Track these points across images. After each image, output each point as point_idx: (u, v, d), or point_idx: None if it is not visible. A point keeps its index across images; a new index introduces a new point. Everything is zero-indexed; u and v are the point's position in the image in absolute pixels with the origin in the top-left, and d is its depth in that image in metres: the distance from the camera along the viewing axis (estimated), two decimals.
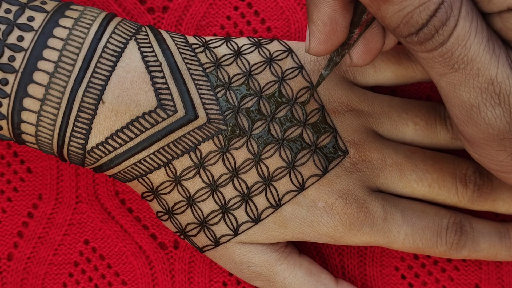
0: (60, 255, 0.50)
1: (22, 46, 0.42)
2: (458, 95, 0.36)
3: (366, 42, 0.40)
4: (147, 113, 0.43)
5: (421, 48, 0.35)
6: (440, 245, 0.46)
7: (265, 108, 0.45)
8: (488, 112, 0.36)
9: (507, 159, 0.39)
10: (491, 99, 0.36)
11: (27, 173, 0.51)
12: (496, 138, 0.37)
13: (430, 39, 0.35)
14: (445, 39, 0.34)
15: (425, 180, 0.46)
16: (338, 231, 0.45)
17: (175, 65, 0.44)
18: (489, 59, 0.35)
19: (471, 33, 0.34)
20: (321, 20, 0.38)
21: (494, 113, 0.36)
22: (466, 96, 0.36)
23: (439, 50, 0.35)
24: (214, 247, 0.46)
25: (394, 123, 0.47)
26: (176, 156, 0.44)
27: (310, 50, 0.40)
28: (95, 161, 0.44)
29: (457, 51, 0.35)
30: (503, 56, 0.35)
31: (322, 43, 0.39)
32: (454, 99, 0.37)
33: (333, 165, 0.45)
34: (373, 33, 0.40)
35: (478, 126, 0.37)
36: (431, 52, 0.35)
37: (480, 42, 0.35)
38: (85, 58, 0.43)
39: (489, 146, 0.38)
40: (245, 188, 0.44)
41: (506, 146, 0.38)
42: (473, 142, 0.39)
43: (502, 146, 0.38)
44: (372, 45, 0.40)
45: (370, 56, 0.41)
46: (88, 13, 0.44)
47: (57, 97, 0.42)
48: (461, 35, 0.34)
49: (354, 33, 0.39)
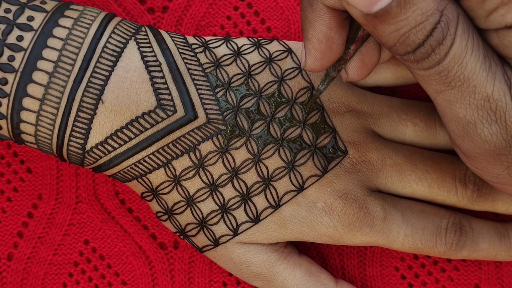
0: (60, 255, 0.50)
1: (22, 46, 0.42)
2: (455, 111, 0.36)
3: (362, 57, 0.40)
4: (147, 113, 0.43)
5: (417, 66, 0.35)
6: (440, 245, 0.46)
7: (264, 108, 0.45)
8: (484, 129, 0.36)
9: (503, 173, 0.39)
10: (488, 116, 0.36)
11: (27, 173, 0.51)
12: (493, 154, 0.37)
13: (427, 58, 0.35)
14: (441, 57, 0.34)
15: (425, 180, 0.46)
16: (338, 231, 0.45)
17: (175, 65, 0.44)
18: (486, 76, 0.35)
19: (467, 51, 0.34)
20: (317, 38, 0.38)
21: (491, 130, 0.36)
22: (463, 113, 0.36)
23: (436, 68, 0.35)
24: (214, 247, 0.46)
25: (393, 123, 0.47)
26: (176, 156, 0.44)
27: (306, 67, 0.40)
28: (94, 161, 0.44)
29: (454, 69, 0.35)
30: (499, 73, 0.35)
31: (318, 60, 0.39)
32: (450, 115, 0.37)
33: (332, 165, 0.45)
34: (369, 48, 0.40)
35: (474, 142, 0.37)
36: (428, 70, 0.35)
37: (476, 59, 0.35)
38: (85, 58, 0.43)
39: (486, 160, 0.38)
40: (244, 188, 0.44)
41: (503, 161, 0.38)
42: (470, 156, 0.39)
43: (498, 161, 0.38)
44: (368, 59, 0.40)
45: (366, 70, 0.41)
46: (88, 13, 0.44)
47: (56, 97, 0.42)
48: (457, 53, 0.34)
49: (350, 49, 0.39)
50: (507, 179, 0.39)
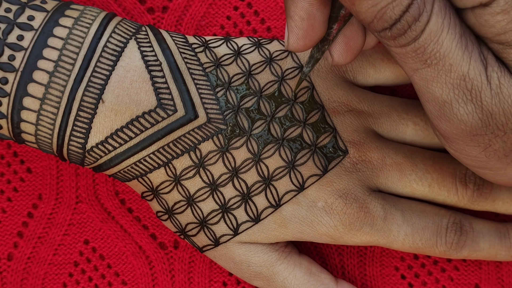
0: (60, 255, 0.50)
1: (22, 45, 0.42)
2: (431, 90, 0.37)
3: (346, 39, 0.40)
4: (147, 112, 0.43)
5: (394, 43, 0.36)
6: (440, 245, 0.46)
7: (265, 108, 0.45)
8: (460, 108, 0.37)
9: (480, 154, 0.39)
10: (463, 95, 0.36)
11: (27, 173, 0.51)
12: (469, 134, 0.38)
13: (403, 35, 0.35)
14: (417, 34, 0.35)
15: (425, 180, 0.46)
16: (338, 231, 0.45)
17: (175, 65, 0.44)
18: (461, 55, 0.35)
19: (443, 29, 0.35)
20: (299, 15, 0.38)
21: (466, 109, 0.37)
22: (439, 92, 0.36)
23: (412, 45, 0.35)
24: (214, 247, 0.46)
25: (394, 123, 0.47)
26: (176, 155, 0.44)
27: (289, 46, 0.40)
28: (94, 160, 0.44)
29: (430, 47, 0.35)
30: (475, 52, 0.36)
31: (301, 38, 0.39)
32: (427, 94, 0.37)
33: (333, 165, 0.45)
34: (353, 31, 0.40)
35: (451, 122, 0.37)
36: (404, 48, 0.36)
37: (452, 38, 0.35)
38: (85, 57, 0.43)
39: (463, 141, 0.38)
40: (245, 187, 0.44)
41: (479, 142, 0.38)
42: (448, 138, 0.39)
43: (475, 142, 0.38)
44: (353, 42, 0.40)
45: (351, 54, 0.41)
46: (88, 13, 0.44)
47: (57, 96, 0.42)
48: (433, 30, 0.35)
49: (333, 28, 0.39)
50: (485, 161, 0.39)
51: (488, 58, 0.36)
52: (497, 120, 0.37)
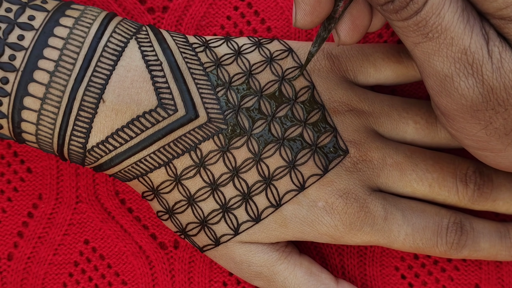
0: (60, 255, 0.50)
1: (23, 45, 0.42)
2: (432, 64, 0.37)
3: (352, 18, 0.41)
4: (148, 112, 0.43)
5: (396, 17, 0.36)
6: (441, 245, 0.46)
7: (265, 108, 0.45)
8: (461, 82, 0.37)
9: (480, 132, 0.39)
10: (464, 69, 0.36)
11: (27, 173, 0.51)
12: (470, 110, 0.38)
13: (405, 8, 0.35)
14: (419, 7, 0.35)
15: (426, 179, 0.46)
16: (339, 230, 0.45)
17: (176, 64, 0.44)
18: (463, 29, 0.35)
19: (445, 2, 0.35)
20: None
21: (467, 83, 0.37)
22: (440, 66, 0.37)
23: (414, 18, 0.35)
24: (215, 247, 0.46)
25: (394, 122, 0.47)
26: (177, 155, 0.44)
27: (297, 22, 0.40)
28: (95, 160, 0.44)
29: (431, 20, 0.35)
30: (477, 26, 0.36)
31: (308, 14, 0.40)
32: (428, 69, 0.37)
33: (333, 165, 0.45)
34: (359, 10, 0.40)
35: (451, 97, 0.38)
36: (406, 21, 0.36)
37: (454, 11, 0.35)
38: (86, 57, 0.43)
39: (463, 118, 0.39)
40: (245, 187, 0.44)
41: (480, 118, 0.38)
42: (448, 115, 0.39)
43: (476, 119, 0.38)
44: (359, 21, 0.41)
45: (357, 33, 0.41)
46: (89, 13, 0.44)
47: (57, 96, 0.42)
48: (435, 4, 0.35)
49: (339, 6, 0.40)
50: (486, 141, 0.39)
51: (489, 33, 0.36)
52: (498, 95, 0.37)
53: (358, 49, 0.48)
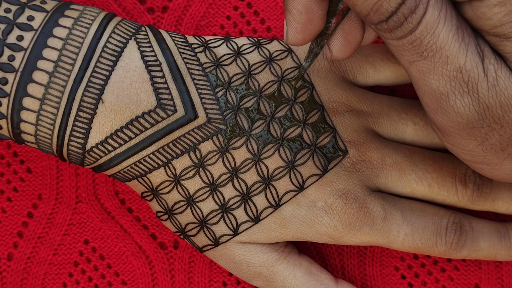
0: (60, 255, 0.50)
1: (22, 46, 0.42)
2: (428, 83, 0.37)
3: (345, 34, 0.40)
4: (147, 112, 0.43)
5: (391, 36, 0.36)
6: (440, 245, 0.46)
7: (264, 108, 0.45)
8: (457, 100, 0.37)
9: (477, 148, 0.39)
10: (460, 87, 0.36)
11: (27, 173, 0.51)
12: (466, 127, 0.38)
13: (400, 27, 0.35)
14: (414, 26, 0.35)
15: (425, 180, 0.46)
16: (338, 231, 0.45)
17: (175, 65, 0.44)
18: (458, 47, 0.35)
19: (440, 21, 0.35)
20: (297, 9, 0.38)
21: (463, 102, 0.37)
22: (435, 84, 0.37)
23: (409, 37, 0.35)
24: (214, 247, 0.46)
25: (393, 123, 0.47)
26: (176, 155, 0.44)
27: (288, 40, 0.40)
28: (94, 160, 0.44)
29: (426, 39, 0.35)
30: (472, 44, 0.36)
31: (300, 32, 0.39)
32: (424, 87, 0.37)
33: (332, 165, 0.45)
34: (351, 25, 0.40)
35: (447, 114, 0.37)
36: (401, 40, 0.36)
37: (449, 30, 0.35)
38: (85, 57, 0.43)
39: (459, 135, 0.38)
40: (244, 188, 0.44)
41: (476, 135, 0.38)
42: (444, 131, 0.39)
43: (472, 135, 0.38)
44: (351, 37, 0.40)
45: (349, 48, 0.41)
46: (88, 13, 0.44)
47: (56, 97, 0.42)
48: (429, 23, 0.35)
49: (332, 22, 0.40)
50: (482, 156, 0.39)
51: (484, 50, 0.36)
52: (494, 113, 0.37)
53: (358, 50, 0.48)
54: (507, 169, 0.40)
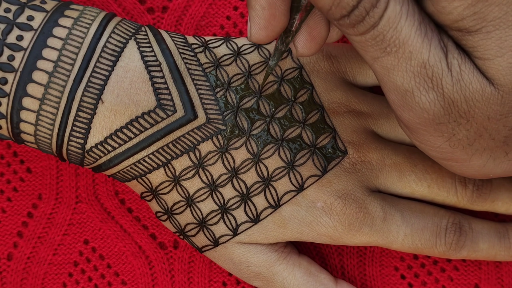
0: (60, 255, 0.50)
1: (22, 46, 0.42)
2: (392, 79, 0.37)
3: (309, 30, 0.40)
4: (146, 113, 0.43)
5: (353, 31, 0.35)
6: (440, 245, 0.46)
7: (264, 108, 0.45)
8: (422, 96, 0.36)
9: (444, 144, 0.39)
10: (424, 83, 0.36)
11: (27, 173, 0.51)
12: (432, 123, 0.37)
13: (361, 22, 0.35)
14: (376, 21, 0.35)
15: (424, 180, 0.46)
16: (337, 231, 0.45)
17: (174, 65, 0.44)
18: (421, 42, 0.35)
19: (402, 16, 0.35)
20: (260, 4, 0.38)
21: (428, 97, 0.36)
22: (400, 81, 0.36)
23: (371, 33, 0.35)
24: (214, 247, 0.46)
25: (393, 124, 0.47)
26: (175, 156, 0.44)
27: (251, 37, 0.39)
28: (94, 160, 0.44)
29: (389, 34, 0.35)
30: (435, 39, 0.35)
31: (263, 28, 0.39)
32: (389, 83, 0.37)
33: (332, 166, 0.45)
34: (316, 22, 0.40)
35: (413, 111, 0.37)
36: (364, 35, 0.35)
37: (411, 25, 0.35)
38: (85, 57, 0.43)
39: (427, 131, 0.38)
40: (244, 188, 0.44)
41: (443, 131, 0.38)
42: (412, 128, 0.39)
43: (438, 132, 0.38)
44: (316, 33, 0.40)
45: (315, 45, 0.40)
46: (88, 13, 0.44)
47: (56, 97, 0.42)
48: (391, 17, 0.34)
49: (295, 19, 0.39)
50: (450, 152, 0.39)
51: (448, 45, 0.36)
52: (459, 108, 0.37)
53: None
54: (476, 165, 0.40)
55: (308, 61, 0.46)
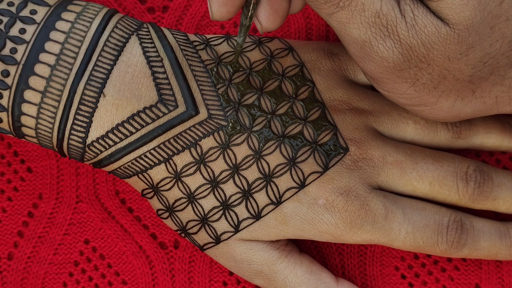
0: (60, 254, 0.50)
1: (24, 39, 0.43)
2: (349, 32, 0.37)
3: (271, 3, 0.40)
4: (148, 107, 0.43)
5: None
6: (441, 244, 0.46)
7: (265, 105, 0.45)
8: (379, 45, 0.37)
9: (410, 90, 0.40)
10: (380, 32, 0.37)
11: (27, 173, 0.51)
12: (394, 71, 0.38)
13: None
14: None
15: (426, 178, 0.46)
16: (339, 228, 0.45)
17: (176, 61, 0.44)
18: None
19: None
20: None
21: (385, 46, 0.37)
22: (357, 33, 0.37)
23: None
24: (215, 245, 0.46)
25: (394, 121, 0.47)
26: (177, 151, 0.44)
27: (214, 15, 0.40)
28: (95, 155, 0.44)
29: None
30: None
31: (223, 5, 0.40)
32: (346, 37, 0.38)
33: (333, 162, 0.45)
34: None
35: (374, 61, 0.38)
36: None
37: None
38: (87, 51, 0.43)
39: (390, 79, 0.39)
40: (245, 184, 0.44)
41: (406, 77, 0.39)
42: (376, 78, 0.40)
43: (402, 78, 0.39)
44: (278, 5, 0.41)
45: (278, 17, 0.41)
46: (91, 8, 0.44)
47: (58, 90, 0.42)
48: None
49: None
50: (418, 97, 0.40)
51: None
52: (418, 52, 0.38)
53: None
54: (445, 107, 0.41)
55: (309, 59, 0.47)
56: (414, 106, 0.41)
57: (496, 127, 0.48)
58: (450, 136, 0.48)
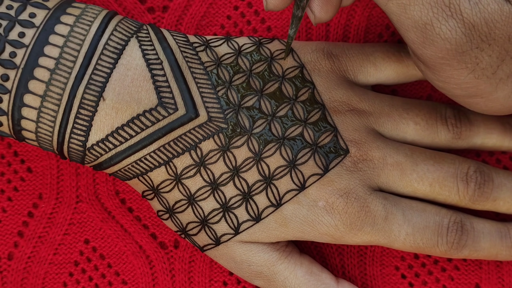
0: (61, 254, 0.50)
1: (23, 42, 0.42)
2: (410, 15, 0.37)
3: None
4: (148, 110, 0.43)
5: None
6: (441, 245, 0.46)
7: (265, 107, 0.45)
8: (442, 26, 0.37)
9: (468, 77, 0.39)
10: (443, 12, 0.37)
11: (28, 173, 0.51)
12: (456, 53, 0.38)
13: None
14: None
15: (426, 179, 0.46)
16: (339, 230, 0.45)
17: (176, 63, 0.44)
18: None
19: None
20: None
21: (448, 26, 0.37)
22: (418, 15, 0.37)
23: None
24: (215, 246, 0.46)
25: (394, 122, 0.47)
26: (177, 154, 0.44)
27: (268, 5, 0.40)
28: (95, 158, 0.44)
29: None
30: None
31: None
32: (406, 21, 0.38)
33: (334, 164, 0.45)
34: None
35: (435, 44, 0.38)
36: None
37: None
38: (86, 55, 0.43)
39: (450, 66, 0.39)
40: (245, 187, 0.44)
41: (466, 61, 0.38)
42: (434, 66, 0.39)
43: (462, 63, 0.38)
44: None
45: (331, 7, 0.41)
46: (90, 11, 0.44)
47: (57, 94, 0.42)
48: None
49: None
50: (475, 86, 0.40)
51: None
52: (481, 31, 0.37)
53: (359, 49, 0.48)
54: (501, 98, 0.41)
55: (309, 60, 0.46)
56: (469, 97, 0.40)
57: (497, 127, 0.48)
58: (450, 136, 0.47)
